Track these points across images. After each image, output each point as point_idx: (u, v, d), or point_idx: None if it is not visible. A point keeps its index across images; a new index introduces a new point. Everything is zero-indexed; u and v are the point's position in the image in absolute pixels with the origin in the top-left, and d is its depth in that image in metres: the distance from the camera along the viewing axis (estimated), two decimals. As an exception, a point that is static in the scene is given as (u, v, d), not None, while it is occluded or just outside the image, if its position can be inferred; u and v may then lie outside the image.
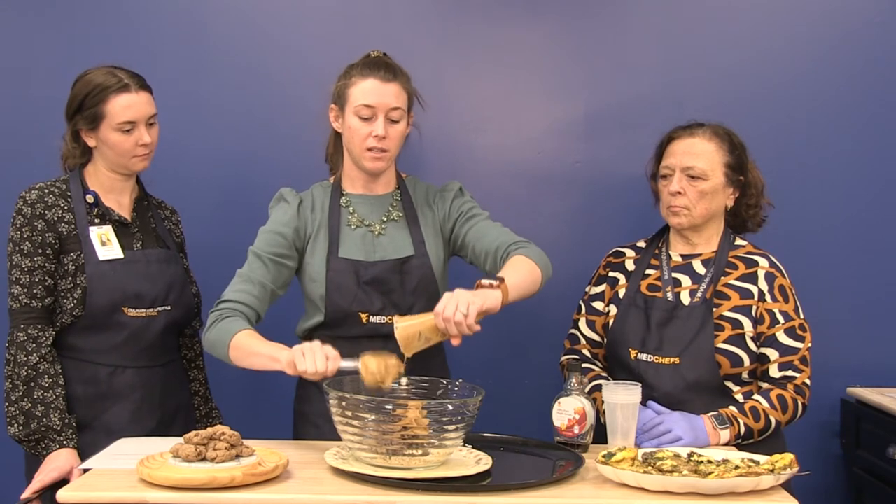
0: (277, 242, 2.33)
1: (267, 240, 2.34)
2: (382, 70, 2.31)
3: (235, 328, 2.18)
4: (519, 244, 2.31)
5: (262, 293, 2.29)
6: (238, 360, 2.18)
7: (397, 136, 2.33)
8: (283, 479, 1.92)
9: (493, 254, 2.32)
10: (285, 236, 2.34)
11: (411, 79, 2.37)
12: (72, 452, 2.23)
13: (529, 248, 2.30)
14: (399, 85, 2.32)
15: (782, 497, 1.87)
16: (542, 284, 2.28)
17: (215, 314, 2.24)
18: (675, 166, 2.41)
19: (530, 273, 2.23)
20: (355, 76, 2.32)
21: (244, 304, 2.25)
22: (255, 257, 2.32)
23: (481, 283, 2.13)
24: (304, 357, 2.03)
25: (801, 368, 2.33)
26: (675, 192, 2.40)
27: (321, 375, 2.04)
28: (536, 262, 2.25)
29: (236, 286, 2.28)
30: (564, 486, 1.92)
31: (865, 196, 2.97)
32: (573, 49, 2.98)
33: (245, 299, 2.26)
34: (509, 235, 2.35)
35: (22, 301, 2.28)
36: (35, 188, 2.35)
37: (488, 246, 2.34)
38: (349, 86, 2.32)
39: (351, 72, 2.34)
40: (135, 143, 2.35)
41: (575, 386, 2.21)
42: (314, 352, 2.04)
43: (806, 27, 2.96)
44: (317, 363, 2.02)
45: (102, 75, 2.33)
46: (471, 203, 2.45)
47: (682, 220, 2.41)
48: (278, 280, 2.33)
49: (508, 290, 2.14)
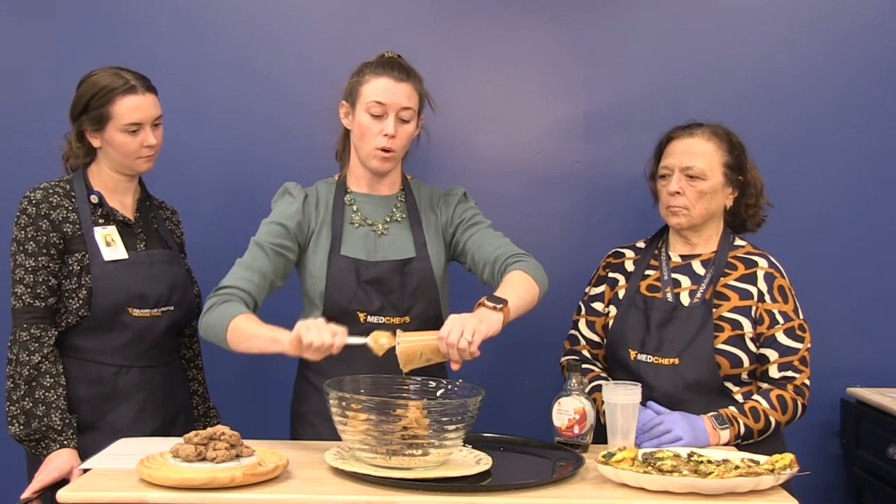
0: (280, 233, 2.33)
1: (270, 230, 2.34)
2: (396, 70, 2.32)
3: (234, 311, 2.17)
4: (517, 257, 2.31)
5: (262, 281, 2.28)
6: (235, 343, 2.16)
7: (406, 136, 2.34)
8: (283, 479, 1.92)
9: (491, 264, 2.33)
10: (288, 228, 2.34)
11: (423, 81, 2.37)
12: (72, 452, 2.23)
13: (528, 261, 2.30)
14: (411, 86, 2.32)
15: (782, 497, 1.87)
16: (538, 300, 2.29)
17: (213, 299, 2.23)
18: (673, 166, 2.41)
19: (528, 291, 2.24)
20: (369, 74, 2.33)
21: (243, 291, 2.24)
22: (256, 247, 2.32)
23: (485, 304, 2.13)
24: (310, 331, 2.02)
25: (800, 369, 2.33)
26: (674, 192, 2.40)
27: (326, 351, 2.03)
28: (535, 279, 2.26)
29: (236, 273, 2.28)
30: (564, 486, 1.92)
31: (865, 196, 2.97)
32: (573, 49, 2.98)
33: (244, 286, 2.25)
34: (509, 247, 2.35)
35: (25, 300, 2.29)
36: (39, 188, 2.35)
37: (487, 256, 2.34)
38: (362, 83, 2.32)
39: (364, 69, 2.35)
40: (140, 145, 2.35)
41: (575, 386, 2.21)
42: (319, 327, 2.03)
43: (806, 27, 2.96)
44: (323, 336, 2.01)
45: (109, 77, 2.34)
46: (474, 210, 2.45)
47: (681, 220, 2.41)
48: (278, 270, 2.32)
49: (510, 312, 2.15)
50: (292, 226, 2.34)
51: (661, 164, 2.46)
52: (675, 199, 2.40)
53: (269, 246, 2.31)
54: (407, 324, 2.32)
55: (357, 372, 2.16)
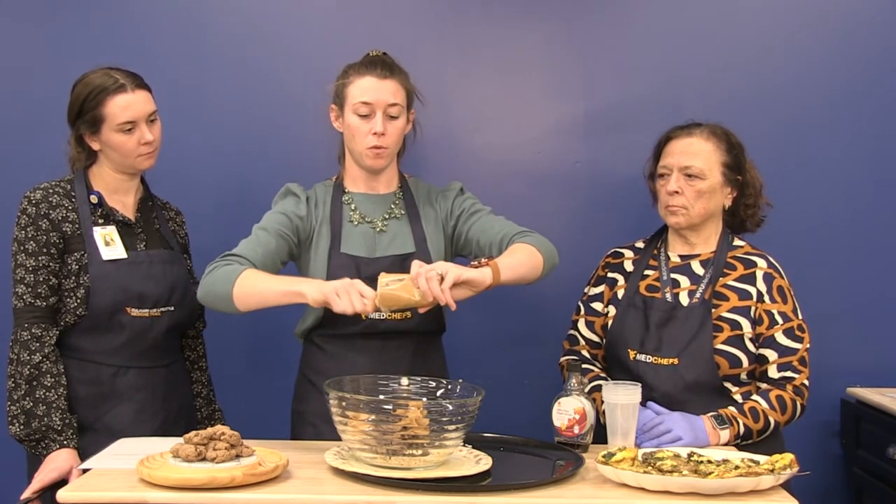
0: (284, 222, 2.34)
1: (274, 218, 2.34)
2: (379, 67, 2.32)
3: (241, 269, 2.16)
4: (523, 233, 2.32)
5: (265, 258, 2.26)
6: (243, 297, 2.14)
7: (396, 132, 2.34)
8: (283, 479, 1.92)
9: (497, 244, 2.33)
10: (291, 219, 2.34)
11: (410, 76, 2.37)
12: (72, 452, 2.23)
13: (533, 235, 2.31)
14: (396, 81, 2.33)
15: (782, 497, 1.87)
16: (545, 270, 2.28)
17: (216, 263, 2.21)
18: (672, 166, 2.42)
19: (529, 257, 2.23)
20: (353, 75, 2.33)
21: (248, 260, 2.23)
22: (261, 230, 2.32)
23: (470, 263, 2.16)
24: (340, 298, 2.03)
25: (799, 369, 2.34)
26: (673, 192, 2.40)
27: (359, 312, 2.05)
28: (537, 248, 2.26)
29: (241, 246, 2.27)
30: (564, 486, 1.92)
31: (865, 196, 2.96)
32: (573, 49, 2.98)
33: (250, 255, 2.24)
34: (513, 227, 2.36)
35: (26, 300, 2.29)
36: (40, 188, 2.35)
37: (492, 237, 2.34)
38: (347, 84, 2.33)
39: (349, 71, 2.35)
40: (137, 143, 2.35)
41: (575, 386, 2.21)
42: (349, 292, 2.04)
43: (806, 27, 2.96)
44: (353, 303, 2.03)
45: (99, 77, 2.34)
46: (472, 200, 2.46)
47: (679, 220, 2.41)
48: (282, 251, 2.32)
49: (500, 270, 2.14)
50: (295, 219, 2.35)
51: (660, 164, 2.46)
52: (673, 199, 2.41)
53: (273, 229, 2.31)
54: (408, 320, 2.33)
55: (357, 372, 2.16)
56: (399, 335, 2.33)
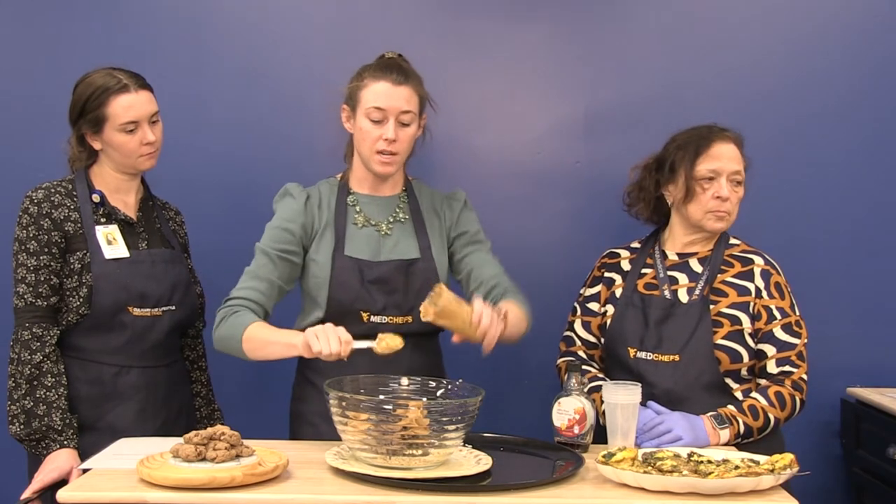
0: (284, 238, 2.34)
1: (273, 236, 2.34)
2: (395, 73, 2.31)
3: (247, 321, 2.20)
4: (515, 294, 2.36)
5: (270, 290, 2.30)
6: (252, 351, 2.19)
7: (407, 139, 2.33)
8: (283, 479, 1.92)
9: (487, 289, 2.37)
10: (292, 232, 2.34)
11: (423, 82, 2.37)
12: (72, 452, 2.23)
13: (521, 297, 2.36)
14: (411, 88, 2.32)
15: (782, 497, 1.87)
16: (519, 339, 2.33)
17: (224, 311, 2.25)
18: (723, 171, 2.38)
19: (520, 321, 2.29)
20: (367, 78, 2.32)
21: (252, 301, 2.27)
22: (262, 254, 2.33)
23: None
24: (318, 339, 2.06)
25: (798, 364, 2.34)
26: (726, 198, 2.38)
27: (336, 357, 2.06)
28: (526, 316, 2.32)
29: (244, 283, 2.30)
30: (564, 486, 1.92)
31: (865, 196, 2.96)
32: (573, 49, 2.98)
33: (253, 296, 2.27)
34: (504, 277, 2.40)
35: (27, 300, 2.29)
36: (41, 187, 2.35)
37: (485, 278, 2.38)
38: (361, 87, 2.32)
39: (364, 73, 2.34)
40: (139, 143, 2.35)
41: (575, 386, 2.21)
42: (327, 334, 2.07)
43: (806, 27, 2.96)
44: (332, 346, 2.05)
45: (101, 77, 2.34)
46: (476, 225, 2.47)
47: (723, 226, 2.41)
48: (285, 275, 2.33)
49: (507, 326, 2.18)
50: (296, 229, 2.35)
51: (705, 167, 2.38)
52: (724, 205, 2.38)
53: (274, 253, 2.32)
54: (409, 324, 2.33)
55: (357, 372, 2.16)
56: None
